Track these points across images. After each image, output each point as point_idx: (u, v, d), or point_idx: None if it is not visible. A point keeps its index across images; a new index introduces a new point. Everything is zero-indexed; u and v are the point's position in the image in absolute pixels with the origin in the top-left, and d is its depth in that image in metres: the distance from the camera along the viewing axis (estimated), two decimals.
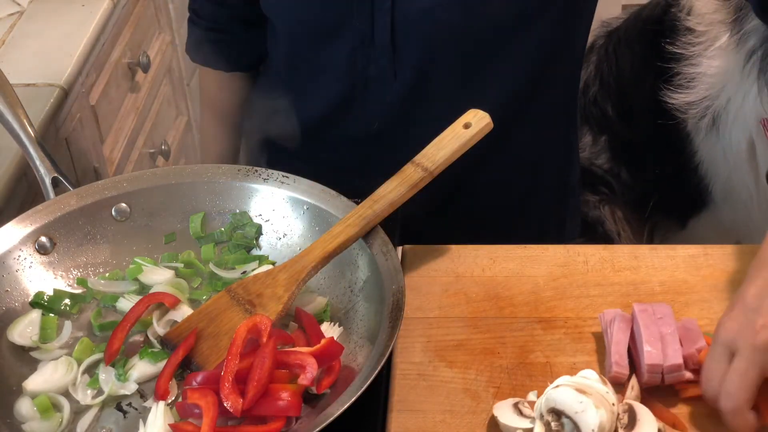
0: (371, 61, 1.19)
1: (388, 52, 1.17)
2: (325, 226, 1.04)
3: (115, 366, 0.97)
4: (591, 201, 1.75)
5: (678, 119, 1.57)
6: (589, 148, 1.75)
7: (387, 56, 1.18)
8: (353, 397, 0.84)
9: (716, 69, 1.52)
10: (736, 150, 1.55)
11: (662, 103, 1.57)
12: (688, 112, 1.56)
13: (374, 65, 1.19)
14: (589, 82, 1.74)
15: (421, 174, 1.03)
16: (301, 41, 1.24)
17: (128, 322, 0.99)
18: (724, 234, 1.66)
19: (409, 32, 1.16)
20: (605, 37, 1.75)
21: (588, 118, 1.74)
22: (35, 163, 1.10)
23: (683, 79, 1.55)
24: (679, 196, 1.69)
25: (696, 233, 1.70)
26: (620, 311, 0.98)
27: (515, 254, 1.11)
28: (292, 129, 1.29)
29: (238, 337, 0.92)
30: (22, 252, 1.05)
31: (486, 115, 1.05)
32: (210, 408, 0.87)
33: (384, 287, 0.96)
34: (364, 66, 1.19)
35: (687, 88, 1.56)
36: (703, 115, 1.55)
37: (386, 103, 1.22)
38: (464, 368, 0.97)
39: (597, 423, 0.83)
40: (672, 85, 1.57)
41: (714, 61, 1.52)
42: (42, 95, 1.47)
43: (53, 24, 1.65)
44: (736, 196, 1.61)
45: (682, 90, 1.56)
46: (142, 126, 1.91)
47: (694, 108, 1.55)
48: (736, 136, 1.53)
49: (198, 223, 1.11)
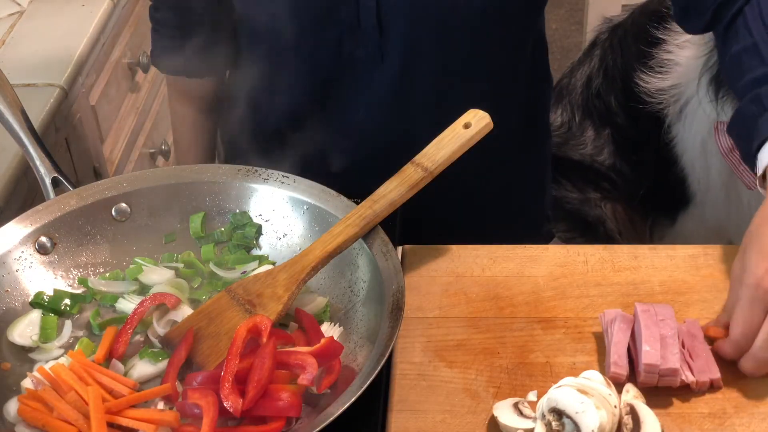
0: (359, 43, 1.20)
1: (375, 34, 1.18)
2: (325, 226, 1.04)
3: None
4: (592, 199, 1.74)
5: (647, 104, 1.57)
6: (591, 143, 1.74)
7: (373, 39, 1.19)
8: (353, 397, 0.84)
9: (685, 59, 1.52)
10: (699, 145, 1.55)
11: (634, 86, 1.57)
12: (657, 98, 1.56)
13: (362, 48, 1.20)
14: (593, 76, 1.73)
15: (421, 174, 1.03)
16: (285, 32, 1.23)
17: (131, 324, 0.99)
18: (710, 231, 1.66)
19: (394, 15, 1.17)
20: (609, 32, 1.75)
21: (591, 112, 1.74)
22: (35, 163, 1.10)
23: (657, 64, 1.56)
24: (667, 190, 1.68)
25: (684, 229, 1.69)
26: (621, 311, 0.98)
27: (515, 254, 1.11)
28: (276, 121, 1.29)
29: (238, 337, 0.92)
30: (22, 252, 1.05)
31: (486, 115, 1.05)
32: (210, 408, 0.87)
33: (384, 287, 0.96)
34: (351, 49, 1.20)
35: (659, 73, 1.55)
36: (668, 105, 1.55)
37: (374, 89, 1.23)
38: (464, 368, 0.97)
39: (597, 424, 0.83)
40: (647, 68, 1.57)
41: (684, 51, 1.52)
42: (42, 95, 1.47)
43: (53, 24, 1.65)
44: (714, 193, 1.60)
45: (653, 75, 1.56)
46: (142, 126, 1.91)
47: (663, 94, 1.55)
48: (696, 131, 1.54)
49: (198, 223, 1.11)
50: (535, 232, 1.48)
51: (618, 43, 1.71)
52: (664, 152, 1.62)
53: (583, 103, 1.72)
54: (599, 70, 1.73)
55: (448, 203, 1.30)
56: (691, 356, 0.94)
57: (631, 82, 1.59)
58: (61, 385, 0.91)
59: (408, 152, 1.06)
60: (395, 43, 1.19)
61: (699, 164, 1.57)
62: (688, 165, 1.59)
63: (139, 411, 0.90)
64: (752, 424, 0.90)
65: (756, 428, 0.90)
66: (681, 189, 1.63)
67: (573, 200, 1.75)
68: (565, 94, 1.74)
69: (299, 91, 1.27)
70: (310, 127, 1.28)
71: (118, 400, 0.90)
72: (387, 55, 1.20)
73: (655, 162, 1.67)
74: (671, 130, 1.58)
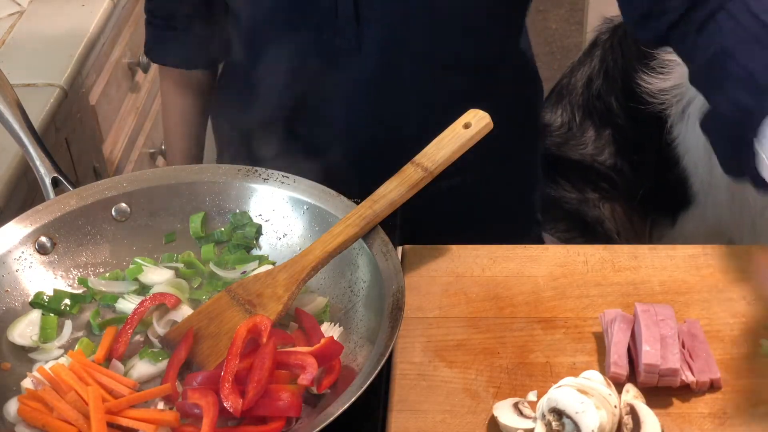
0: (336, 33, 1.19)
1: (352, 24, 1.18)
2: (325, 226, 1.04)
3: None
4: (591, 199, 1.74)
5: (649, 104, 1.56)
6: (592, 143, 1.74)
7: (351, 28, 1.18)
8: (353, 397, 0.84)
9: None
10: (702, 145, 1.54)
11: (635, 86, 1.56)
12: (659, 98, 1.55)
13: (339, 37, 1.19)
14: (593, 76, 1.73)
15: (421, 174, 1.03)
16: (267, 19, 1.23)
17: (131, 324, 0.99)
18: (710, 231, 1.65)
19: (372, 5, 1.17)
20: (609, 32, 1.75)
21: (591, 112, 1.74)
22: (35, 163, 1.10)
23: (659, 65, 1.55)
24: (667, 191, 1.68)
25: (684, 230, 1.69)
26: (621, 311, 0.98)
27: (515, 254, 1.11)
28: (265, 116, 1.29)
29: (238, 337, 0.92)
30: (22, 252, 1.05)
31: (486, 115, 1.05)
32: (210, 408, 0.87)
33: (384, 287, 0.96)
34: (329, 38, 1.20)
35: (661, 74, 1.55)
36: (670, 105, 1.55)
37: (354, 80, 1.22)
38: (464, 368, 0.97)
39: (597, 424, 0.83)
40: (648, 69, 1.56)
41: None
42: (42, 95, 1.47)
43: (53, 24, 1.65)
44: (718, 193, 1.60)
45: (655, 75, 1.55)
46: (142, 126, 1.91)
47: (665, 95, 1.55)
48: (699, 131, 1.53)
49: (198, 223, 1.11)
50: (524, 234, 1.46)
51: (619, 44, 1.71)
52: (665, 153, 1.62)
53: (583, 104, 1.72)
54: (600, 71, 1.73)
55: (448, 203, 1.30)
56: (691, 356, 0.95)
57: (633, 83, 1.59)
58: (61, 385, 0.91)
59: (399, 149, 1.06)
60: (374, 34, 1.19)
61: (702, 164, 1.57)
62: (691, 165, 1.59)
63: (139, 411, 0.90)
64: (752, 424, 0.90)
65: (756, 428, 0.90)
66: (682, 189, 1.63)
67: (572, 200, 1.75)
68: (565, 94, 1.74)
69: (282, 81, 1.26)
70: (295, 119, 1.28)
71: (118, 400, 0.90)
72: (365, 45, 1.19)
73: (656, 162, 1.67)
74: (673, 130, 1.58)
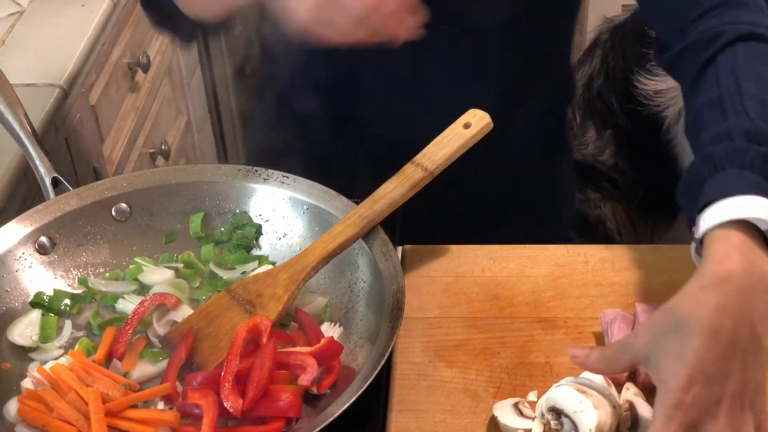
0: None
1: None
2: (325, 226, 1.04)
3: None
4: (592, 199, 1.75)
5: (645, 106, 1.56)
6: (593, 143, 1.74)
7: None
8: (353, 397, 0.84)
9: None
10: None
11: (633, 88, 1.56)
12: (655, 100, 1.55)
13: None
14: (594, 76, 1.73)
15: (422, 174, 1.03)
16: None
17: (131, 324, 0.99)
18: None
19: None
20: (610, 32, 1.75)
21: (592, 112, 1.74)
22: (35, 163, 1.10)
23: (655, 66, 1.55)
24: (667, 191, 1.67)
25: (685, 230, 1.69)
26: (621, 311, 0.98)
27: (515, 254, 1.11)
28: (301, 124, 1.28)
29: (238, 337, 0.92)
30: (22, 252, 1.05)
31: (486, 115, 1.05)
32: (210, 408, 0.87)
33: (384, 287, 0.96)
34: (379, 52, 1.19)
35: (657, 76, 1.54)
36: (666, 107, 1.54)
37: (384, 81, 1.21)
38: (464, 368, 0.97)
39: (595, 423, 0.83)
40: (645, 71, 1.56)
41: None
42: (42, 95, 1.47)
43: (53, 24, 1.65)
44: None
45: (652, 77, 1.55)
46: (142, 126, 1.91)
47: (661, 97, 1.54)
48: None
49: (198, 223, 1.11)
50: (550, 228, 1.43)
51: (619, 44, 1.71)
52: (664, 153, 1.62)
53: (584, 104, 1.72)
54: (600, 71, 1.73)
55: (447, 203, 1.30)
56: None
57: (630, 84, 1.59)
58: (61, 385, 0.91)
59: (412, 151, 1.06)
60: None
61: None
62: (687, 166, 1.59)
63: (139, 411, 0.90)
64: None
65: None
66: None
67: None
68: None
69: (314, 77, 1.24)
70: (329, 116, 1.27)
71: (118, 400, 0.90)
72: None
73: (655, 162, 1.67)
74: (670, 131, 1.58)
